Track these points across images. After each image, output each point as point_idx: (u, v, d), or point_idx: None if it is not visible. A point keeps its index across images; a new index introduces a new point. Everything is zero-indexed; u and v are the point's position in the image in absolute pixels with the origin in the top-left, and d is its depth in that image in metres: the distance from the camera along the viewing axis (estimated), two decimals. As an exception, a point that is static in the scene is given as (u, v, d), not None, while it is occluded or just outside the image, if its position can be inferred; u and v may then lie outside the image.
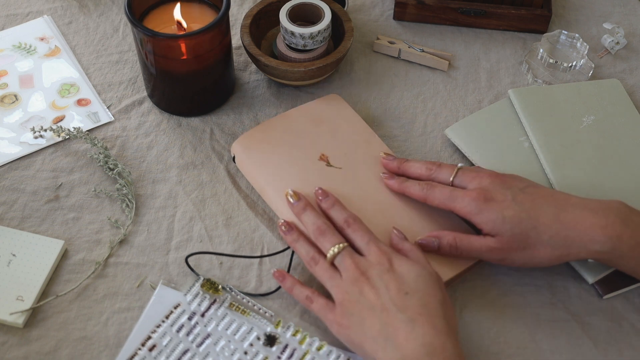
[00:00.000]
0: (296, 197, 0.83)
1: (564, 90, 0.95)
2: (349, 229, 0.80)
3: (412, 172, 0.85)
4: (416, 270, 0.74)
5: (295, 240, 0.81)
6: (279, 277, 0.81)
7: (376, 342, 0.71)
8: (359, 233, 0.79)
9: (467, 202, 0.79)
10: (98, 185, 0.90)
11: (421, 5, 1.05)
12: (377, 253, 0.76)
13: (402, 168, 0.86)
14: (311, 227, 0.80)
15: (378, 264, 0.75)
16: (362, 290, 0.74)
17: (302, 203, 0.82)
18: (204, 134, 0.95)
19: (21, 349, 0.78)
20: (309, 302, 0.78)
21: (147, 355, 0.77)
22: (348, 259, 0.76)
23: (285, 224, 0.82)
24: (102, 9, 1.08)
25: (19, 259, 0.83)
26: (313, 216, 0.81)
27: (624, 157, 0.89)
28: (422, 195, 0.83)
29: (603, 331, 0.80)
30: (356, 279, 0.75)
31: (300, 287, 0.79)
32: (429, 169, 0.84)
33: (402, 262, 0.75)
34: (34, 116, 0.96)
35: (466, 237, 0.80)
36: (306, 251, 0.79)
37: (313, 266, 0.78)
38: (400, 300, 0.72)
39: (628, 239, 0.75)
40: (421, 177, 0.85)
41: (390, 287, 0.73)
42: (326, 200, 0.83)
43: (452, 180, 0.82)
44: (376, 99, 0.99)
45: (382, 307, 0.72)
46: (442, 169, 0.84)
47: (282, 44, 0.97)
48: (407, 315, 0.71)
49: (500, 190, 0.79)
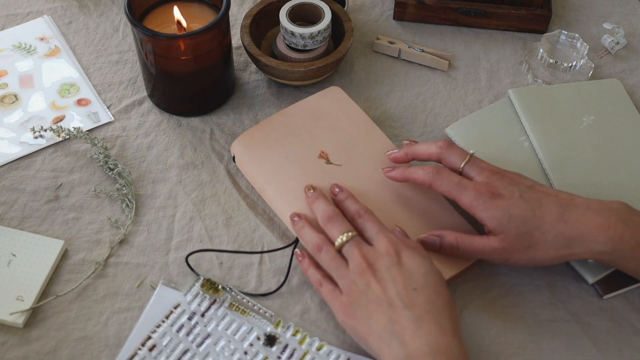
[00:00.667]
0: (312, 189, 0.83)
1: (564, 90, 0.95)
2: (360, 219, 0.79)
3: (422, 152, 0.83)
4: (425, 266, 0.74)
5: (301, 228, 0.81)
6: (300, 255, 0.81)
7: (381, 339, 0.71)
8: (369, 223, 0.78)
9: (474, 196, 0.78)
10: (98, 185, 0.90)
11: (421, 5, 1.05)
12: (386, 243, 0.76)
13: (409, 152, 0.84)
14: (320, 213, 0.80)
15: (386, 255, 0.75)
16: (368, 283, 0.73)
17: (316, 193, 0.83)
18: (204, 134, 0.95)
19: (21, 349, 0.78)
20: (319, 285, 0.78)
21: (147, 355, 0.77)
22: (356, 249, 0.76)
23: (296, 214, 0.82)
24: (102, 9, 1.08)
25: (19, 259, 0.83)
26: (324, 204, 0.81)
27: (624, 157, 0.89)
28: (428, 179, 0.80)
29: (603, 331, 0.80)
30: (363, 271, 0.74)
31: (315, 269, 0.79)
32: (440, 147, 0.82)
33: (412, 255, 0.75)
34: (34, 116, 0.96)
35: (468, 238, 0.79)
36: (311, 237, 0.79)
37: (317, 253, 0.78)
38: (408, 296, 0.72)
39: (629, 239, 0.75)
40: (431, 158, 0.83)
41: (397, 281, 0.73)
42: (340, 193, 0.83)
43: (462, 166, 0.80)
44: (376, 99, 0.99)
45: (389, 302, 0.72)
46: (453, 151, 0.81)
47: (282, 44, 0.97)
48: (414, 312, 0.71)
49: (508, 187, 0.78)
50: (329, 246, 0.78)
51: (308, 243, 0.79)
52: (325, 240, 0.78)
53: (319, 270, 0.79)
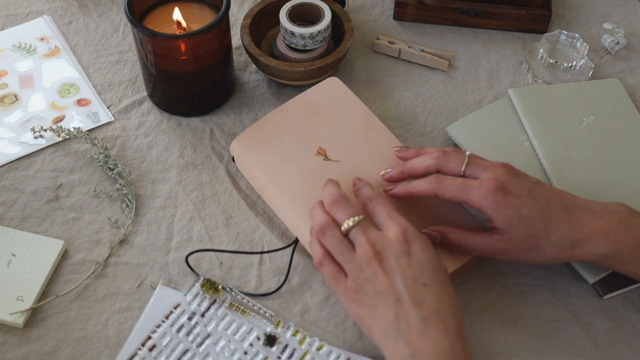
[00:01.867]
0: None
1: (564, 90, 0.95)
2: (370, 203, 0.76)
3: (418, 167, 0.80)
4: (436, 260, 0.72)
5: (312, 208, 0.77)
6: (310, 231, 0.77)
7: (387, 334, 0.70)
8: (380, 207, 0.75)
9: (484, 194, 0.75)
10: (98, 185, 0.90)
11: (421, 5, 1.05)
12: (395, 229, 0.72)
13: (405, 170, 0.82)
14: (327, 197, 0.76)
15: (396, 242, 0.71)
16: (375, 273, 0.71)
17: (330, 180, 0.79)
18: (204, 134, 0.95)
19: (21, 349, 0.78)
20: (319, 264, 0.75)
21: (147, 355, 0.77)
22: (363, 234, 0.72)
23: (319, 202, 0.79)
24: (102, 9, 1.08)
25: (19, 259, 0.83)
26: (332, 187, 0.77)
27: (624, 157, 0.89)
28: (432, 190, 0.78)
29: (603, 331, 0.80)
30: (370, 259, 0.71)
31: (319, 245, 0.75)
32: (436, 158, 0.79)
33: (423, 246, 0.72)
34: (34, 116, 0.96)
35: (470, 236, 0.78)
36: (316, 218, 0.75)
37: (321, 235, 0.74)
38: (417, 292, 0.69)
39: (629, 242, 0.75)
40: (429, 170, 0.80)
41: (406, 274, 0.70)
42: (359, 183, 0.80)
43: (463, 169, 0.78)
44: (376, 99, 0.99)
45: (396, 297, 0.70)
46: (450, 157, 0.79)
47: (282, 44, 0.97)
48: (421, 311, 0.69)
49: (517, 183, 0.76)
50: (334, 228, 0.74)
51: (314, 224, 0.76)
52: (330, 221, 0.75)
53: (322, 248, 0.75)
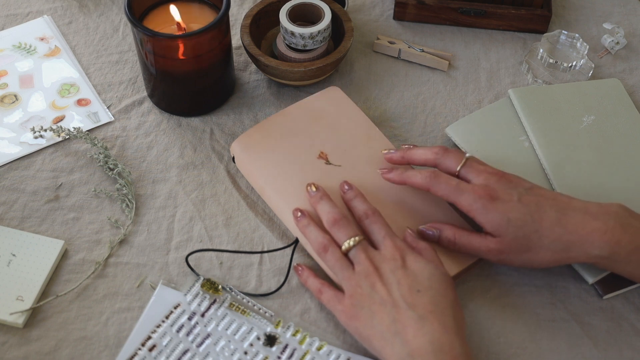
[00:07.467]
0: (315, 187, 0.83)
1: (564, 90, 0.95)
2: (367, 220, 0.80)
3: (417, 158, 0.83)
4: (430, 269, 0.75)
5: (306, 226, 0.81)
6: (298, 268, 0.82)
7: (384, 338, 0.72)
8: (376, 226, 0.79)
9: (473, 199, 0.77)
10: (98, 185, 0.90)
11: (421, 5, 1.05)
12: (391, 248, 0.76)
13: (406, 156, 0.85)
14: (326, 216, 0.80)
15: (392, 259, 0.75)
16: (373, 285, 0.74)
17: (319, 193, 0.82)
18: (204, 134, 0.95)
19: (21, 349, 0.78)
20: (319, 293, 0.78)
21: (147, 355, 0.77)
22: (362, 253, 0.76)
23: (299, 210, 0.82)
24: (102, 9, 1.08)
25: (19, 259, 0.83)
26: (329, 205, 0.81)
27: (624, 157, 0.89)
28: (426, 184, 0.80)
29: (603, 331, 0.80)
30: (369, 274, 0.75)
31: (314, 278, 0.80)
32: (435, 153, 0.82)
33: (416, 259, 0.75)
34: (34, 116, 0.96)
35: (466, 235, 0.79)
36: (316, 237, 0.79)
37: (323, 254, 0.78)
38: (412, 297, 0.72)
39: (626, 244, 0.75)
40: (427, 163, 0.83)
41: (402, 283, 0.73)
42: (349, 192, 0.83)
43: (458, 169, 0.80)
44: (376, 99, 0.99)
45: (393, 303, 0.73)
46: (448, 155, 0.81)
47: (282, 44, 0.97)
48: (417, 312, 0.71)
49: (506, 189, 0.78)
50: (335, 247, 0.78)
51: (313, 242, 0.79)
52: (331, 240, 0.79)
53: (318, 279, 0.80)
